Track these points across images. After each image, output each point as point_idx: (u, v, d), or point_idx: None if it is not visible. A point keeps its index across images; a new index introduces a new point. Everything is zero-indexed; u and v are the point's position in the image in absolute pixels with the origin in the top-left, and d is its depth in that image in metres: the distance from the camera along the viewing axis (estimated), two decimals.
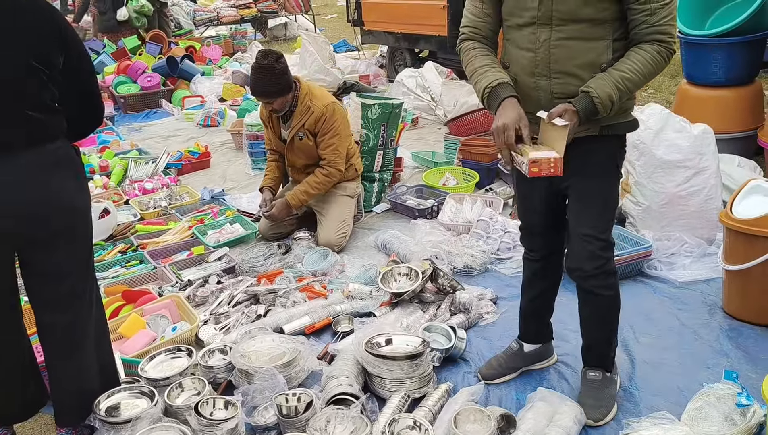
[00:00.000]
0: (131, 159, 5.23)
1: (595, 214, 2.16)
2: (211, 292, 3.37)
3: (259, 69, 3.65)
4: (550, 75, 2.03)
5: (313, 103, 3.79)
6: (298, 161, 3.96)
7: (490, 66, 2.12)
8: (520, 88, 2.09)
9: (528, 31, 2.03)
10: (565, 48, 1.99)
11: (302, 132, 3.81)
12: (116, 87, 7.84)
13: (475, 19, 2.18)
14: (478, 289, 3.22)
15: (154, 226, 4.26)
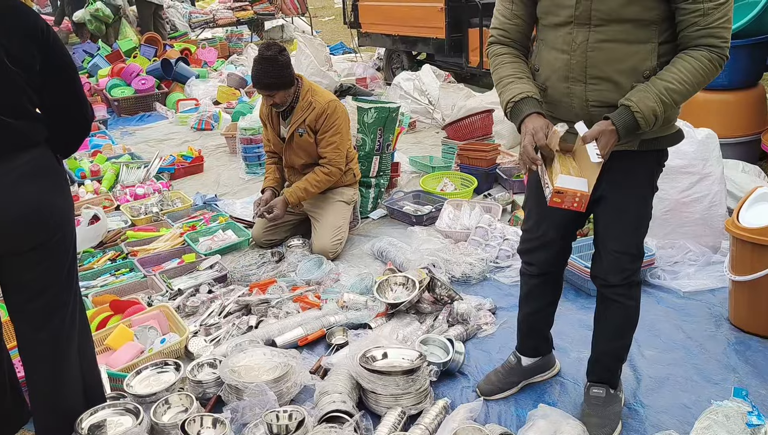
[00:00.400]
0: (123, 163, 5.13)
1: (628, 230, 2.05)
2: (202, 302, 3.27)
3: (262, 60, 3.56)
4: (586, 80, 1.87)
5: (314, 99, 3.71)
6: (297, 160, 3.85)
7: (516, 76, 1.98)
8: (551, 93, 1.97)
9: (564, 31, 1.89)
10: (605, 51, 1.82)
11: (303, 128, 3.72)
12: (110, 90, 7.74)
13: (504, 21, 2.05)
14: (477, 299, 3.13)
15: (145, 232, 4.16)
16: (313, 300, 3.18)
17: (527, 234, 2.27)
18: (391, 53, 8.69)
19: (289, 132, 3.77)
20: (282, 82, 3.59)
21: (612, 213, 2.04)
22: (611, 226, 2.06)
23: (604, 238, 2.09)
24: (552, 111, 2.00)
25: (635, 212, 2.03)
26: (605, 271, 2.10)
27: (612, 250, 2.06)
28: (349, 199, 3.93)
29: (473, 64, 7.23)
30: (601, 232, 2.10)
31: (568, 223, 2.17)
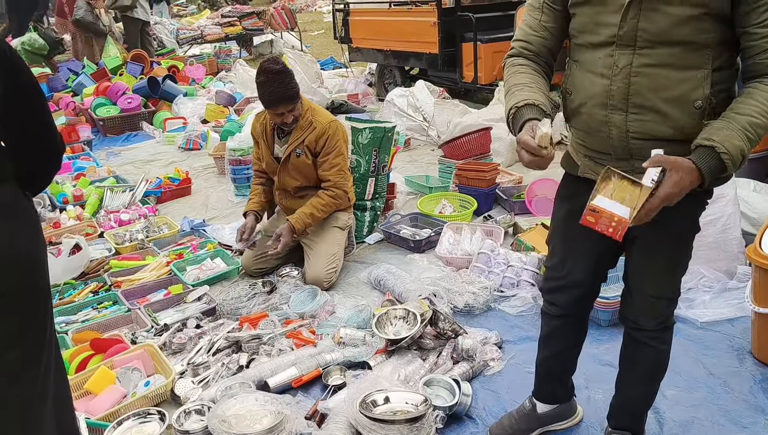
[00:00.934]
0: (107, 187, 4.93)
1: (664, 273, 1.87)
2: (189, 339, 3.07)
3: (276, 74, 3.39)
4: (628, 109, 1.67)
5: (315, 118, 3.56)
6: (291, 183, 3.67)
7: (526, 85, 1.79)
8: (585, 121, 1.78)
9: (604, 52, 1.69)
10: (651, 77, 1.63)
11: (301, 148, 3.55)
12: (95, 109, 7.53)
13: (529, 33, 1.86)
14: (482, 332, 2.95)
15: (130, 261, 3.96)
16: (308, 336, 2.99)
17: (551, 272, 2.09)
18: (383, 68, 8.54)
19: (286, 152, 3.59)
20: (296, 93, 3.46)
21: (647, 255, 1.87)
22: (646, 269, 1.88)
23: (638, 280, 1.91)
24: (584, 140, 1.83)
25: (673, 255, 1.86)
26: (637, 314, 1.93)
27: (646, 293, 1.89)
28: (344, 224, 3.75)
29: (467, 80, 7.08)
30: (633, 273, 1.93)
31: (598, 263, 1.99)
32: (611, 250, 1.97)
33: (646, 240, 1.84)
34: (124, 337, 3.06)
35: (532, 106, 1.71)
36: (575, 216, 1.87)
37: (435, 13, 7.08)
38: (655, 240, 1.82)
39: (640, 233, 1.82)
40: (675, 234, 1.82)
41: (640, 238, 1.84)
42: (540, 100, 1.72)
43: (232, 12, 12.28)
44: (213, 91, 8.33)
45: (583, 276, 2.00)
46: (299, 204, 3.69)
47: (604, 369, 2.67)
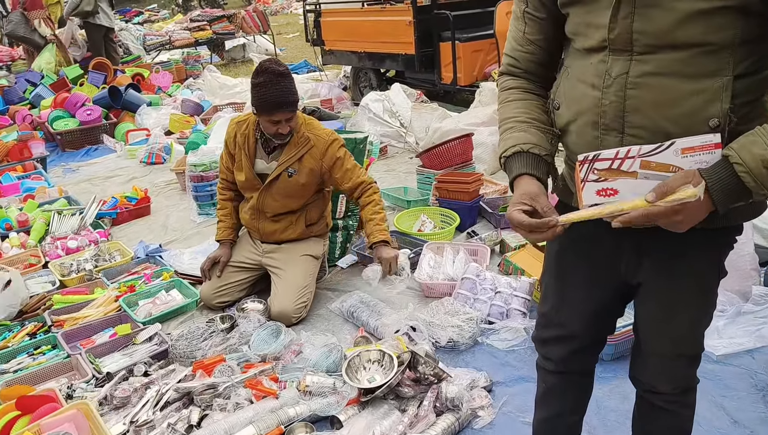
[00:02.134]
0: (54, 211, 4.49)
1: (686, 328, 1.50)
2: (135, 390, 2.67)
3: (278, 75, 2.96)
4: (624, 130, 1.30)
5: (312, 133, 3.16)
6: (272, 205, 3.24)
7: (516, 120, 1.48)
8: (575, 142, 1.41)
9: (597, 58, 1.33)
10: (652, 90, 1.25)
11: (295, 167, 3.14)
12: (52, 122, 7.08)
13: (515, 48, 1.54)
14: (468, 374, 2.57)
15: (76, 296, 3.55)
16: (269, 385, 2.59)
17: (543, 320, 1.71)
18: (357, 71, 8.16)
19: (276, 171, 3.16)
20: (297, 102, 3.07)
21: (662, 306, 1.49)
22: (661, 324, 1.51)
23: (651, 337, 1.54)
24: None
25: (693, 307, 1.48)
26: (651, 377, 1.57)
27: (663, 353, 1.53)
28: (318, 253, 3.38)
29: (446, 81, 6.73)
30: (645, 327, 1.56)
31: (599, 311, 1.61)
32: (617, 296, 1.60)
33: (660, 287, 1.47)
34: (59, 391, 2.64)
35: (523, 154, 1.42)
36: (569, 251, 1.55)
37: (410, 11, 6.73)
38: (672, 287, 1.45)
39: (651, 278, 1.46)
40: (696, 279, 1.44)
41: (652, 283, 1.48)
42: (532, 142, 1.42)
43: (201, 16, 11.83)
44: (179, 99, 7.90)
45: (582, 326, 1.63)
46: (273, 228, 3.30)
47: (609, 417, 2.32)
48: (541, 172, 1.42)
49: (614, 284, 1.55)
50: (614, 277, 1.52)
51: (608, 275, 1.52)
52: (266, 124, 3.06)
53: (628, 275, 1.50)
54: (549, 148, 1.44)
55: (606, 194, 1.30)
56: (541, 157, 1.42)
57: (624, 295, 1.60)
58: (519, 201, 1.35)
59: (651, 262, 1.43)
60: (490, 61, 6.58)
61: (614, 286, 1.56)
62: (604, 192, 1.30)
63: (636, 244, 1.43)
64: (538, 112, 1.49)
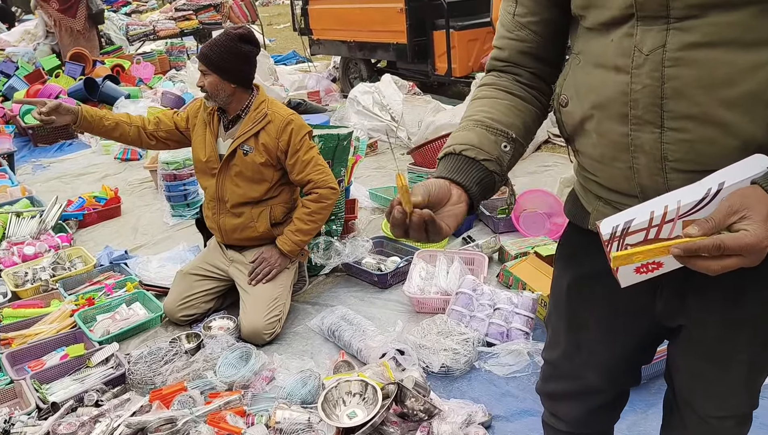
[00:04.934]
0: (12, 213, 4.12)
1: (739, 386, 1.17)
2: (82, 425, 2.32)
3: (223, 33, 2.90)
4: (663, 123, 0.96)
5: (272, 110, 2.88)
6: (231, 190, 2.93)
7: (467, 120, 1.16)
8: (593, 144, 1.08)
9: (619, 33, 0.98)
10: (699, 66, 0.92)
11: (251, 144, 2.85)
12: (23, 116, 6.68)
13: (502, 35, 1.21)
14: (464, 407, 2.24)
15: (29, 308, 3.19)
16: (233, 422, 2.24)
17: (552, 369, 1.37)
18: (347, 62, 7.80)
19: (230, 147, 2.88)
20: (222, 67, 2.81)
21: (709, 361, 1.16)
22: (707, 382, 1.18)
23: (692, 395, 1.21)
24: (596, 174, 1.11)
25: (752, 363, 1.14)
26: None
27: (707, 414, 1.20)
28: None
29: (440, 72, 6.38)
30: (685, 383, 1.23)
31: (626, 362, 1.28)
32: (647, 341, 1.27)
33: (709, 334, 1.13)
34: None
35: (451, 156, 1.10)
36: (583, 288, 1.22)
37: None
38: (726, 336, 1.11)
39: (698, 322, 1.13)
40: (747, 329, 1.10)
41: (699, 329, 1.14)
42: (468, 143, 1.10)
43: (186, 5, 11.39)
44: (160, 91, 7.51)
45: (600, 381, 1.31)
46: (233, 223, 2.96)
47: None
48: (466, 177, 1.07)
49: (645, 327, 1.21)
50: (646, 318, 1.18)
51: (638, 316, 1.19)
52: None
53: (666, 316, 1.16)
54: (489, 150, 1.10)
55: (649, 271, 0.96)
56: (474, 159, 1.09)
57: (656, 336, 1.27)
58: (422, 186, 1.01)
59: (699, 303, 1.09)
60: (487, 50, 6.23)
61: (645, 329, 1.22)
62: (645, 268, 0.96)
63: (680, 278, 1.08)
64: (501, 111, 1.15)
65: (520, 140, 1.14)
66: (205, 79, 2.85)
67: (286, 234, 2.94)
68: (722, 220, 0.86)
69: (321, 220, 2.97)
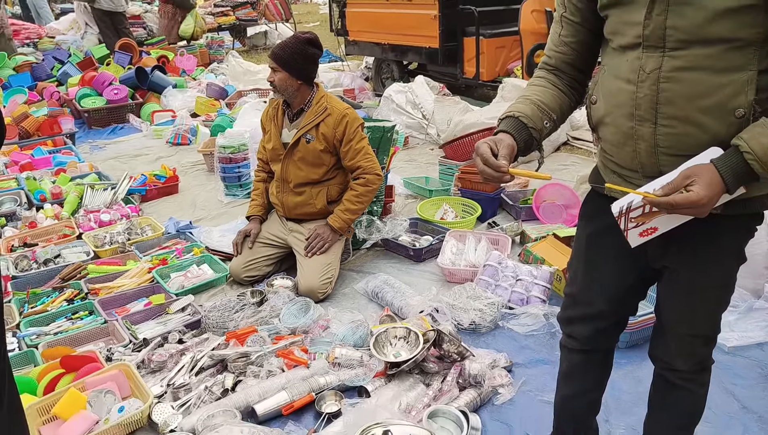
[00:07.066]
0: (87, 185, 4.64)
1: (703, 312, 1.62)
2: (170, 356, 2.81)
3: (293, 37, 3.39)
4: (657, 120, 1.43)
5: (330, 104, 3.37)
6: (294, 173, 3.42)
7: (524, 96, 1.67)
8: (612, 133, 1.55)
9: (632, 55, 1.45)
10: (683, 83, 1.37)
11: (312, 134, 3.33)
12: (80, 100, 7.22)
13: (550, 47, 1.71)
14: (489, 354, 2.70)
15: (109, 266, 3.69)
16: (300, 356, 2.73)
17: (569, 299, 1.84)
18: (380, 63, 8.26)
19: (295, 136, 3.36)
20: (291, 65, 3.29)
21: (682, 292, 1.61)
22: (682, 306, 1.63)
23: (672, 318, 1.66)
24: (612, 155, 1.58)
25: (714, 292, 1.59)
26: (671, 356, 1.68)
27: (682, 333, 1.64)
28: None
29: (469, 75, 6.83)
30: (666, 309, 1.67)
31: (624, 293, 1.73)
32: (640, 280, 1.72)
33: (683, 271, 1.59)
34: (99, 353, 2.79)
35: (511, 118, 1.60)
36: (599, 238, 1.69)
37: (436, 5, 6.82)
38: (695, 272, 1.57)
39: (676, 263, 1.58)
40: (714, 270, 1.57)
41: (676, 268, 1.60)
42: (524, 113, 1.60)
43: (225, 1, 11.94)
44: (204, 83, 8.04)
45: (607, 307, 1.76)
46: (295, 201, 3.45)
47: (624, 398, 2.44)
48: (519, 135, 1.57)
49: (639, 267, 1.67)
50: (640, 261, 1.64)
51: (634, 260, 1.64)
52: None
53: (653, 260, 1.62)
54: (537, 123, 1.60)
55: (648, 234, 1.48)
56: (526, 125, 1.58)
57: (647, 278, 1.72)
58: (488, 139, 1.52)
59: (676, 248, 1.55)
60: (513, 57, 6.67)
61: (639, 269, 1.67)
62: (646, 232, 1.48)
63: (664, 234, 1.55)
64: (548, 98, 1.65)
65: (556, 121, 1.65)
66: (274, 76, 3.34)
67: (336, 213, 3.42)
68: (679, 183, 1.34)
69: (367, 202, 3.44)
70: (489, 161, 1.46)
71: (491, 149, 1.48)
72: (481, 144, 1.50)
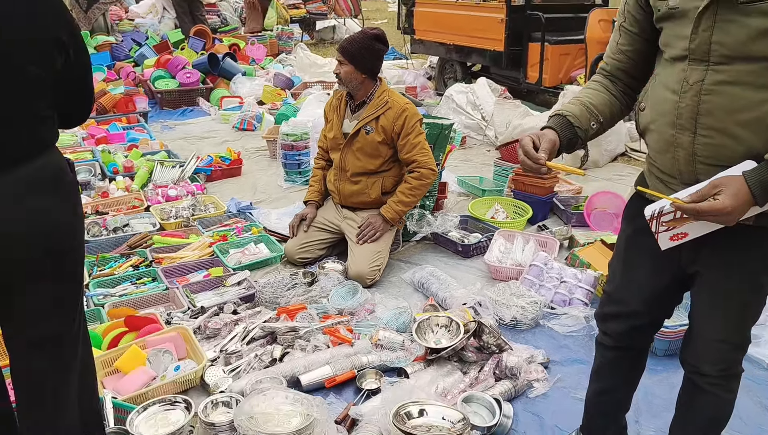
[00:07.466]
0: (158, 161, 4.90)
1: (732, 318, 1.66)
2: (225, 324, 2.99)
3: (361, 32, 3.58)
4: (696, 129, 1.50)
5: (391, 98, 3.51)
6: (352, 163, 3.57)
7: (575, 98, 1.78)
8: (656, 139, 1.63)
9: (679, 67, 1.53)
10: (724, 96, 1.44)
11: (372, 126, 3.48)
12: (154, 81, 7.57)
13: (608, 54, 1.81)
14: (527, 350, 2.78)
15: (173, 238, 3.91)
16: (345, 334, 2.87)
17: (606, 297, 1.91)
18: (444, 62, 8.36)
19: (355, 127, 3.51)
20: (358, 59, 3.45)
21: (712, 298, 1.67)
22: (711, 310, 1.68)
23: (701, 322, 1.72)
24: (656, 161, 1.66)
25: (740, 297, 1.64)
26: (699, 359, 1.74)
27: (710, 338, 1.70)
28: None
29: (531, 81, 6.86)
30: (697, 313, 1.73)
31: (659, 295, 1.80)
32: (675, 282, 1.78)
33: (713, 276, 1.65)
34: (160, 316, 2.99)
35: (559, 116, 1.72)
36: (637, 238, 1.77)
37: (503, 9, 6.88)
38: (724, 277, 1.63)
39: (707, 268, 1.64)
40: (748, 272, 1.61)
41: (706, 273, 1.66)
42: (572, 112, 1.71)
43: None
44: (272, 72, 8.29)
45: (641, 306, 1.83)
46: (351, 189, 3.60)
47: (656, 402, 2.49)
48: (564, 132, 1.69)
49: (673, 270, 1.73)
50: (673, 263, 1.70)
51: (668, 262, 1.71)
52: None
53: (687, 264, 1.68)
54: (583, 123, 1.71)
55: (678, 238, 1.57)
56: (572, 124, 1.69)
57: (681, 282, 1.77)
58: (532, 133, 1.65)
59: (708, 253, 1.61)
60: (577, 65, 6.67)
61: (673, 272, 1.73)
62: (677, 237, 1.57)
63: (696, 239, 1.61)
64: (599, 101, 1.75)
65: (604, 124, 1.75)
66: (341, 68, 3.49)
67: (389, 204, 3.54)
68: (707, 191, 1.42)
69: (419, 195, 3.56)
70: (529, 153, 1.58)
71: (533, 142, 1.59)
72: (524, 137, 1.61)
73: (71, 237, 1.82)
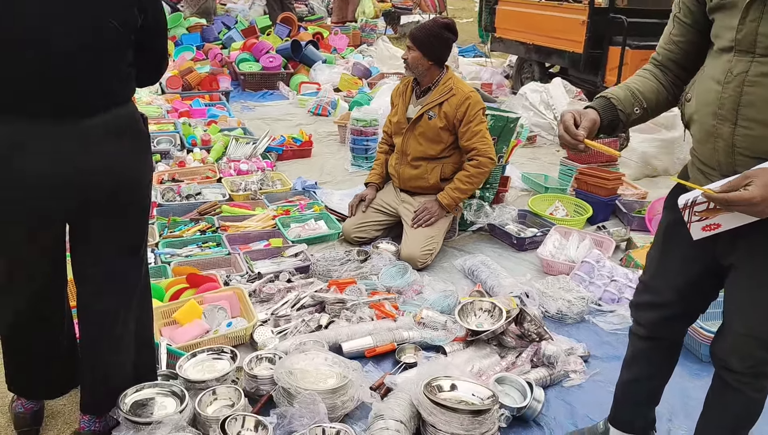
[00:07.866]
0: (233, 137, 5.14)
1: (761, 312, 1.65)
2: (278, 290, 3.14)
3: (432, 20, 3.69)
4: (737, 121, 1.51)
5: (456, 86, 3.59)
6: (414, 147, 3.66)
7: (624, 83, 1.81)
8: (698, 129, 1.65)
9: (725, 58, 1.54)
10: (766, 88, 1.46)
11: (435, 111, 3.56)
12: (239, 63, 7.88)
13: (661, 44, 1.83)
14: (568, 342, 2.80)
15: (240, 209, 4.11)
16: (389, 310, 2.97)
17: (641, 286, 1.93)
18: (522, 62, 8.32)
19: (418, 112, 3.61)
20: (426, 46, 3.54)
21: (744, 287, 1.66)
22: (741, 304, 1.67)
23: (730, 315, 1.71)
24: (697, 151, 1.67)
25: None
26: (727, 353, 1.73)
27: (738, 330, 1.69)
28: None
29: (609, 84, 6.74)
30: (728, 306, 1.73)
31: (693, 286, 1.80)
32: (709, 274, 1.77)
33: (747, 269, 1.64)
34: (219, 277, 3.17)
35: (603, 98, 1.76)
36: (674, 228, 1.77)
37: (586, 11, 6.78)
38: (752, 269, 1.62)
39: (742, 260, 1.63)
40: None
41: (741, 266, 1.65)
42: (616, 96, 1.74)
43: None
44: (351, 62, 8.47)
45: (674, 296, 1.83)
46: (410, 173, 3.70)
47: (692, 404, 2.46)
48: (605, 113, 1.72)
49: (707, 261, 1.72)
50: (708, 255, 1.70)
51: (703, 253, 1.71)
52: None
53: (721, 256, 1.68)
54: (627, 107, 1.74)
55: (711, 229, 1.57)
56: (615, 106, 1.72)
57: (716, 275, 1.76)
58: (574, 111, 1.68)
59: (744, 245, 1.61)
60: None
61: (706, 263, 1.73)
62: (709, 227, 1.57)
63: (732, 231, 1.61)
64: (646, 87, 1.77)
65: (647, 110, 1.77)
66: (409, 54, 3.58)
67: (446, 190, 3.61)
68: (738, 182, 1.43)
69: (477, 184, 3.61)
70: (570, 129, 1.62)
71: (575, 119, 1.63)
72: (566, 113, 1.65)
73: (138, 181, 2.00)
